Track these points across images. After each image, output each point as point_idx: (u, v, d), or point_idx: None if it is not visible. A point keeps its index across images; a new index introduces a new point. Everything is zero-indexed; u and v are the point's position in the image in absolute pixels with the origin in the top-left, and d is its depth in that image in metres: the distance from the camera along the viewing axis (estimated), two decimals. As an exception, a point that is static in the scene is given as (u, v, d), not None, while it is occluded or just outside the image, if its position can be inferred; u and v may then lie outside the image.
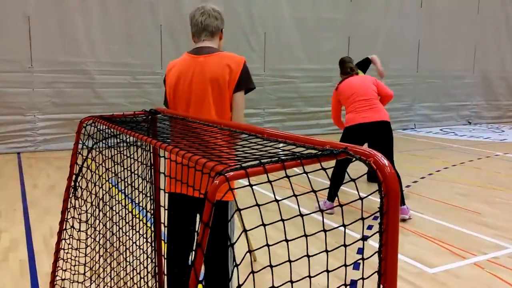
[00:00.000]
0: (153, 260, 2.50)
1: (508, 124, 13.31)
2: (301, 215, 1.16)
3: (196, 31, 2.44)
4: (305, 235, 1.19)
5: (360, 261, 1.24)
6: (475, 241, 4.07)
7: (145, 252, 2.35)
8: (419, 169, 7.01)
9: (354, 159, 1.23)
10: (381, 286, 1.24)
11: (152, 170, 2.49)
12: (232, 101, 2.26)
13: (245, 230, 1.19)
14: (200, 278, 1.16)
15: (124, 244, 2.39)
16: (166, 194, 2.11)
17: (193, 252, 1.11)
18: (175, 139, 1.69)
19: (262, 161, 1.16)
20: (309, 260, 1.16)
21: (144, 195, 2.21)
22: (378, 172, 1.18)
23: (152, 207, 2.36)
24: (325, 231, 1.31)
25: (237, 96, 2.26)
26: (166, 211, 2.05)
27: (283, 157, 1.20)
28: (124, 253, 2.42)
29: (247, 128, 1.68)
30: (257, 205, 1.15)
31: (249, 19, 9.84)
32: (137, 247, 2.30)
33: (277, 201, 1.14)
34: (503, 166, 7.52)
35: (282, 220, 1.16)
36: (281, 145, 1.44)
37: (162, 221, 2.27)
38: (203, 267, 2.24)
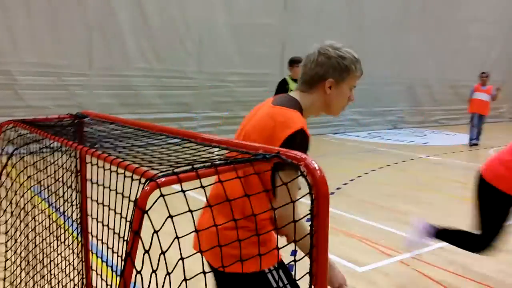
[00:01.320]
0: (80, 272, 2.38)
1: (430, 129, 14.22)
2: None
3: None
4: (238, 240, 1.18)
5: (293, 263, 1.26)
6: (401, 240, 4.29)
7: (72, 263, 2.23)
8: (349, 171, 7.28)
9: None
10: (312, 287, 1.27)
11: (79, 177, 2.39)
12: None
13: (177, 237, 1.16)
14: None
15: (48, 256, 2.25)
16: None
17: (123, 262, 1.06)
18: (104, 144, 1.62)
19: (195, 166, 1.15)
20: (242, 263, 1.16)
21: (70, 204, 2.10)
22: (308, 176, 1.20)
23: (78, 216, 2.25)
24: (258, 235, 1.31)
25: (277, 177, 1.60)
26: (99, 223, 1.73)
27: (216, 162, 1.19)
28: (48, 265, 2.29)
29: (180, 132, 1.65)
30: (190, 211, 1.13)
31: (184, 23, 9.74)
32: (63, 258, 2.18)
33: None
34: (426, 168, 8.02)
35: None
36: (215, 150, 1.43)
37: (90, 230, 2.17)
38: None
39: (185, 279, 1.08)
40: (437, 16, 14.26)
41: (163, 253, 1.03)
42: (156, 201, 1.06)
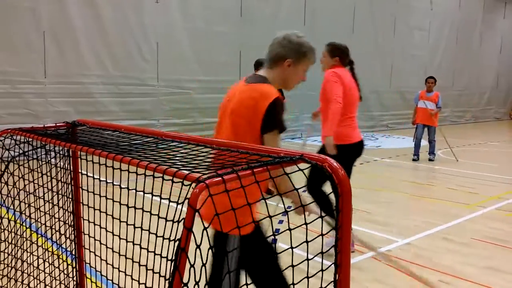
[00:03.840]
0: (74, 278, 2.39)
1: (381, 133, 14.86)
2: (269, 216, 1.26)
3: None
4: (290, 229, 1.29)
5: (320, 254, 1.39)
6: (370, 237, 4.52)
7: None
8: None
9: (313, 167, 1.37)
10: (337, 276, 1.41)
11: (72, 186, 2.40)
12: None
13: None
14: None
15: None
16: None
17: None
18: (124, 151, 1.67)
19: (235, 168, 1.25)
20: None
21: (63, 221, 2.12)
22: (333, 175, 1.34)
23: (73, 234, 2.26)
24: (290, 230, 1.44)
25: (265, 139, 2.07)
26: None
27: (251, 164, 1.30)
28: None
29: (196, 139, 1.73)
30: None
31: (141, 28, 9.67)
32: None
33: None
34: (382, 170, 8.42)
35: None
36: (237, 154, 1.53)
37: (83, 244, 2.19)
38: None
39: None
40: (384, 25, 14.98)
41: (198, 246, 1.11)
42: (206, 201, 1.14)
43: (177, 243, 1.12)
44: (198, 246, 1.11)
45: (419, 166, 8.81)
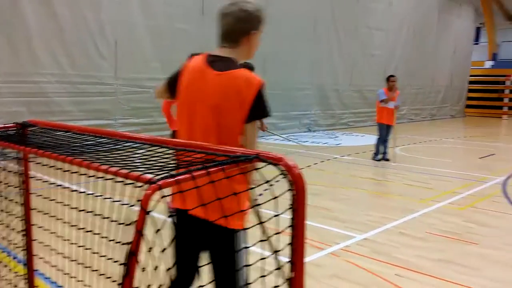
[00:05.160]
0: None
1: (341, 131, 15.14)
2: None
3: (218, 34, 2.08)
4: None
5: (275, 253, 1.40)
6: (329, 234, 4.61)
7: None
8: (273, 174, 7.55)
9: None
10: (292, 273, 1.43)
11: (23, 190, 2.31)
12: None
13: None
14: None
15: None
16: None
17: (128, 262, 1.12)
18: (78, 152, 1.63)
19: (190, 169, 1.24)
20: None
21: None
22: (288, 174, 1.35)
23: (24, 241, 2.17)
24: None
25: (247, 127, 1.95)
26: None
27: (206, 165, 1.29)
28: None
29: (150, 139, 1.70)
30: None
31: (98, 25, 9.42)
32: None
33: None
34: (342, 167, 8.58)
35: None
36: (193, 153, 1.51)
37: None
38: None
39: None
40: (345, 26, 15.26)
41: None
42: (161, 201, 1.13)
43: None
44: (150, 250, 1.09)
45: (377, 163, 9.03)
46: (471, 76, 25.34)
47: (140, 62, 10.07)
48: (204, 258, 2.07)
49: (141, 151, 1.60)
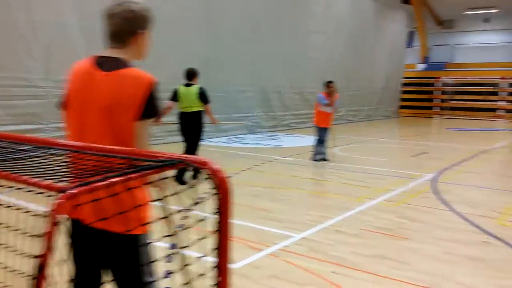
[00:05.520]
0: None
1: (283, 132, 15.37)
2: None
3: (105, 35, 2.05)
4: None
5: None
6: (267, 234, 4.65)
7: None
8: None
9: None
10: (218, 278, 1.41)
11: None
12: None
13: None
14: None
15: None
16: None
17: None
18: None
19: (107, 175, 1.19)
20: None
21: None
22: (213, 178, 1.34)
23: None
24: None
25: (138, 127, 1.90)
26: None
27: (126, 170, 1.25)
28: None
29: (71, 146, 1.63)
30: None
31: (29, 26, 8.94)
32: None
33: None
34: (283, 168, 8.70)
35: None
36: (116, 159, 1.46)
37: None
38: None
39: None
40: (284, 28, 15.50)
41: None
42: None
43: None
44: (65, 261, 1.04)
45: (317, 163, 9.24)
46: (404, 78, 26.65)
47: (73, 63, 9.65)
48: (107, 273, 2.01)
49: (57, 158, 1.53)
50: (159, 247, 1.42)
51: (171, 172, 1.47)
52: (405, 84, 26.85)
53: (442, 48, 28.05)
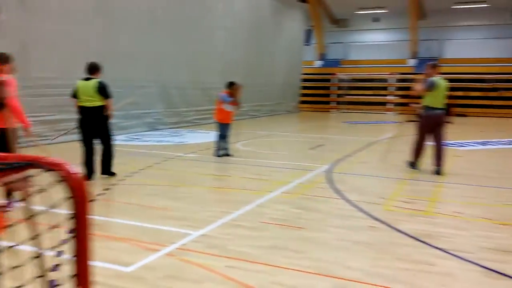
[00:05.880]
0: None
1: (185, 128, 15.17)
2: None
3: None
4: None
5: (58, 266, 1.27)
6: (164, 234, 4.53)
7: None
8: (112, 177, 7.19)
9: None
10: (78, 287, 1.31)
11: None
12: None
13: None
14: None
15: None
16: None
17: None
18: None
19: None
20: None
21: None
22: (68, 180, 1.23)
23: None
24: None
25: None
26: None
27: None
28: None
29: None
30: None
31: None
32: None
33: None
34: (186, 165, 8.58)
35: None
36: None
37: None
38: None
39: None
40: (186, 23, 15.27)
41: None
42: None
43: None
44: None
45: (220, 159, 9.25)
46: (303, 74, 27.78)
47: None
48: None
49: None
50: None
51: (32, 173, 1.35)
52: (304, 80, 28.00)
53: (337, 46, 29.69)
